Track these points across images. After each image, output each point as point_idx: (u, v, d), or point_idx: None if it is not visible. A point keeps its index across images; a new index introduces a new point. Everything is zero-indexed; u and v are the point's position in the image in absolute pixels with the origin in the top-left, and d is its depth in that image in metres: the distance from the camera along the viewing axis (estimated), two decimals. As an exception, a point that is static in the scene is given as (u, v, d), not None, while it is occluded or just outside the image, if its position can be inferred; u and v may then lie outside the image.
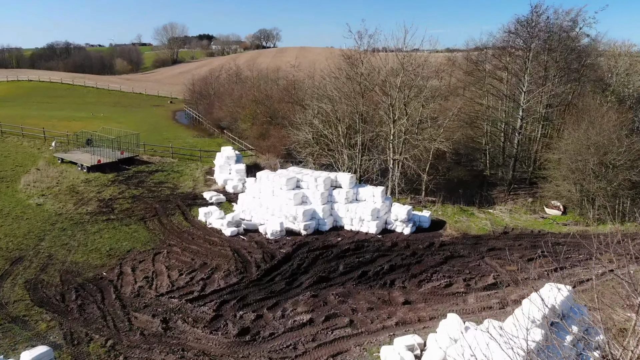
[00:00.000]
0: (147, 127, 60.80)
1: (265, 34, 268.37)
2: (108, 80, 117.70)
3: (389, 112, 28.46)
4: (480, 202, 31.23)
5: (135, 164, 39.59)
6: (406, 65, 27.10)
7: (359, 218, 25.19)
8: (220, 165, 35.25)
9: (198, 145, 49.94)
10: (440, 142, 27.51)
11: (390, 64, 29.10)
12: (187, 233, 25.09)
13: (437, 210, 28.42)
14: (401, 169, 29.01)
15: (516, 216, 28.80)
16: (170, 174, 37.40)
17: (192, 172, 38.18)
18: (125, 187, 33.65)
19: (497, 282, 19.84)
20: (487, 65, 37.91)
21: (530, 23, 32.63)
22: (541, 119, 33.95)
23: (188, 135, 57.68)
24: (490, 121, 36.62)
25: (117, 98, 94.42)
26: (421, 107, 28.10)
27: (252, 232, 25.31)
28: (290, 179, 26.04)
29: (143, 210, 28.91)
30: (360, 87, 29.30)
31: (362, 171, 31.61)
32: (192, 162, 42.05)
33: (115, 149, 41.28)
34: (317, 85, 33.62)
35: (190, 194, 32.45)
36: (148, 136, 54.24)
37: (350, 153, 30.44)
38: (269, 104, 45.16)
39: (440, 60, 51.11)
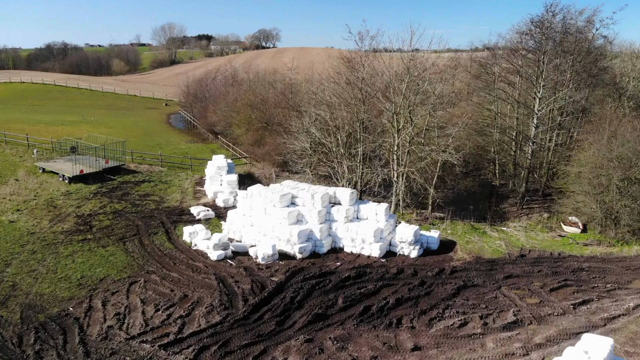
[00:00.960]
0: (139, 132, 58.36)
1: (264, 34, 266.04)
2: (103, 81, 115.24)
3: (393, 120, 25.99)
4: (492, 218, 28.77)
5: (121, 174, 37.11)
6: (412, 70, 24.62)
7: (360, 239, 22.71)
8: (211, 176, 32.77)
9: (190, 152, 47.48)
10: (450, 154, 25.02)
11: (394, 68, 26.62)
12: (169, 257, 22.60)
13: (445, 228, 25.95)
14: (406, 183, 26.53)
15: (532, 235, 26.32)
16: (157, 185, 34.91)
17: (181, 182, 35.69)
18: (108, 201, 31.17)
19: (517, 319, 17.37)
20: (496, 68, 35.43)
21: (544, 24, 30.14)
22: (556, 127, 31.47)
23: (181, 140, 55.22)
24: (500, 129, 34.13)
25: (111, 100, 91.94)
26: (428, 115, 25.63)
27: (242, 255, 22.83)
28: (284, 195, 23.57)
29: (124, 228, 26.43)
30: (361, 93, 26.84)
31: (363, 184, 29.15)
32: (182, 170, 39.57)
33: (100, 157, 38.83)
34: (315, 91, 31.13)
35: (177, 208, 29.97)
36: (138, 142, 51.88)
37: (350, 165, 27.97)
38: (265, 109, 42.69)
39: (444, 61, 48.92)
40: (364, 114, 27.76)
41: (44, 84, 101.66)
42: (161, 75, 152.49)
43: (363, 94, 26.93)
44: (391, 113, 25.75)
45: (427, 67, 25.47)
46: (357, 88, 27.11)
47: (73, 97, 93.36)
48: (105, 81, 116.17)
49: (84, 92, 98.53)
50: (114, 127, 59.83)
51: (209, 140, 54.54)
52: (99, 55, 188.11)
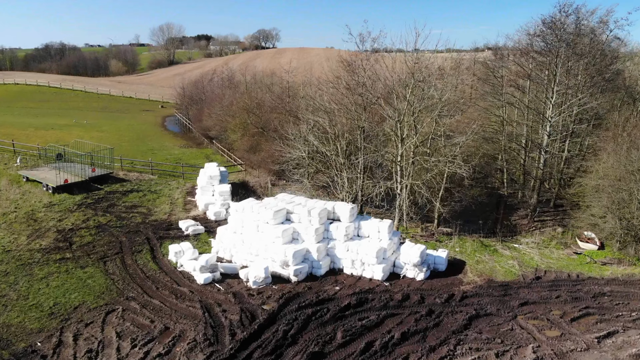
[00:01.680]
0: (132, 136, 56.46)
1: (264, 34, 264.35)
2: (99, 82, 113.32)
3: (396, 128, 24.07)
4: (502, 231, 26.89)
5: (108, 183, 35.20)
6: (417, 74, 22.69)
7: (361, 260, 20.80)
8: (202, 187, 30.88)
9: (183, 158, 45.58)
10: (458, 166, 23.09)
11: (397, 71, 24.70)
12: (152, 280, 20.68)
13: (454, 246, 24.04)
14: (410, 195, 24.63)
15: (546, 252, 24.40)
16: (145, 195, 32.99)
17: (171, 192, 33.77)
18: (92, 213, 29.27)
19: (538, 357, 15.47)
20: (504, 72, 33.49)
21: (557, 25, 28.24)
22: (569, 135, 29.58)
23: (175, 144, 53.31)
24: (509, 136, 32.23)
25: (106, 102, 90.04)
26: (434, 122, 23.72)
27: (231, 277, 20.92)
28: (278, 211, 21.67)
29: (106, 245, 24.53)
30: (362, 98, 24.95)
31: (364, 196, 27.28)
32: (173, 179, 37.66)
33: (87, 165, 36.93)
34: (313, 96, 29.22)
35: (165, 222, 28.06)
36: (130, 146, 50.01)
37: (350, 176, 26.08)
38: (261, 114, 40.77)
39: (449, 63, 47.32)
40: (365, 122, 25.85)
41: (38, 85, 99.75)
42: (159, 76, 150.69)
43: (364, 100, 25.04)
44: (394, 121, 23.82)
45: (432, 70, 23.54)
46: (357, 93, 25.22)
47: (67, 99, 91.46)
48: (102, 82, 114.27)
49: (79, 93, 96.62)
50: (106, 131, 57.97)
51: (204, 145, 52.65)
52: (96, 56, 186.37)
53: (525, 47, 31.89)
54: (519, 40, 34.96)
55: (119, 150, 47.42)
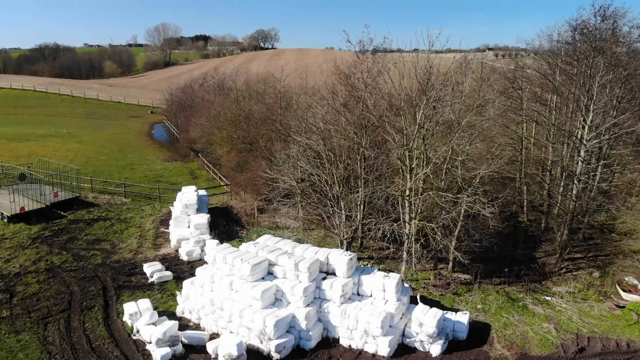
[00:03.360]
0: (112, 148, 52.20)
1: (262, 34, 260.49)
2: (88, 86, 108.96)
3: (404, 156, 19.76)
4: (528, 275, 22.68)
5: (74, 209, 30.88)
6: (429, 93, 18.38)
7: (362, 329, 16.51)
8: (176, 217, 26.60)
9: (165, 175, 41.30)
10: (481, 204, 18.78)
11: (405, 82, 20.39)
12: (97, 353, 16.38)
13: (474, 300, 19.75)
14: (421, 238, 20.33)
15: (585, 308, 20.12)
16: (113, 226, 28.69)
17: (143, 221, 29.46)
18: (46, 251, 25.00)
19: None
20: (524, 83, 29.22)
21: (591, 30, 24.01)
22: (603, 158, 25.35)
23: (159, 157, 49.04)
24: (532, 159, 28.01)
25: (93, 108, 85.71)
26: (450, 149, 19.41)
27: (197, 351, 16.63)
28: (257, 264, 17.38)
29: (53, 297, 20.25)
30: (362, 118, 20.70)
31: (365, 232, 23.03)
32: (148, 202, 33.36)
33: (56, 187, 32.62)
34: (304, 114, 24.94)
35: (129, 263, 23.77)
36: (109, 160, 45.80)
37: (349, 214, 21.80)
38: (249, 128, 36.46)
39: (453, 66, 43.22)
40: (366, 146, 21.55)
41: (23, 89, 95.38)
42: (153, 78, 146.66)
43: (364, 120, 20.80)
44: (401, 148, 19.52)
45: (449, 85, 19.20)
46: (355, 113, 20.95)
47: (52, 104, 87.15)
48: (91, 86, 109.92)
49: (65, 98, 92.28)
50: (85, 142, 53.72)
51: (190, 158, 48.35)
52: (91, 57, 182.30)
53: (549, 56, 27.64)
54: (540, 46, 30.74)
55: (96, 165, 43.31)
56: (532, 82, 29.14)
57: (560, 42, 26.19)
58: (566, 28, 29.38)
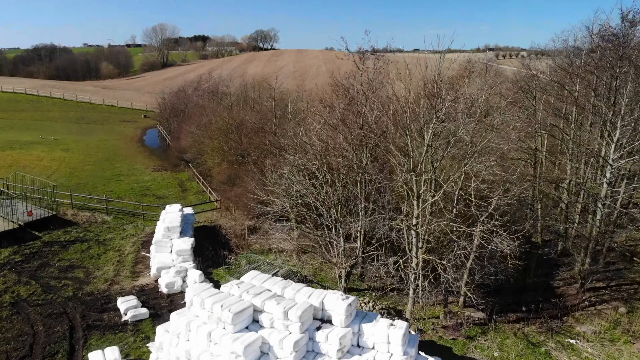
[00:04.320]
0: (100, 156, 49.77)
1: (262, 35, 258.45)
2: (82, 88, 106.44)
3: (411, 182, 17.31)
4: (546, 310, 20.27)
5: (50, 229, 28.47)
6: (439, 109, 15.92)
7: (360, 388, 14.08)
8: (157, 242, 24.18)
9: (152, 187, 38.86)
10: (501, 239, 16.33)
11: (412, 99, 17.93)
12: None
13: (490, 347, 17.31)
14: (430, 273, 17.89)
15: (614, 354, 17.72)
16: (91, 248, 26.28)
17: (123, 243, 27.05)
18: (14, 280, 22.60)
19: None
20: (538, 92, 26.78)
21: (618, 37, 21.57)
22: (625, 179, 22.98)
23: (148, 166, 46.60)
24: (547, 177, 25.59)
25: (84, 112, 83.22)
26: (462, 173, 16.97)
27: (170, 416, 14.21)
28: (240, 312, 14.94)
29: (14, 340, 17.85)
30: (364, 139, 18.27)
31: (365, 263, 20.60)
32: (131, 220, 30.93)
33: (33, 203, 30.22)
34: (301, 127, 22.49)
35: (102, 295, 21.34)
36: (95, 170, 43.42)
37: (348, 243, 19.37)
38: (241, 139, 34.01)
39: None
40: (366, 170, 19.10)
41: (14, 92, 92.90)
42: (149, 80, 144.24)
43: (365, 140, 18.38)
44: (408, 172, 17.07)
45: (462, 100, 16.74)
46: (354, 131, 18.51)
47: (44, 108, 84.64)
48: (85, 88, 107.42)
49: (57, 102, 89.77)
50: (72, 150, 51.25)
51: (181, 168, 45.87)
52: (87, 58, 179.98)
53: (567, 65, 25.21)
54: (556, 52, 28.31)
55: (80, 176, 40.91)
56: (546, 91, 26.68)
57: (579, 48, 23.70)
58: (584, 33, 26.94)
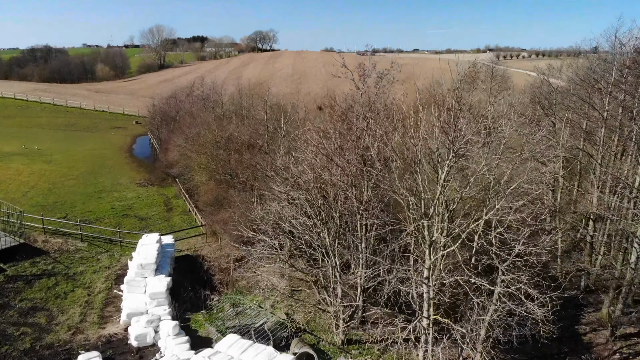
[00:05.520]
0: (85, 168, 46.86)
1: (260, 36, 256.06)
2: (73, 92, 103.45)
3: (422, 228, 14.44)
4: None
5: (17, 259, 25.57)
6: (457, 142, 13.07)
7: None
8: (130, 281, 21.32)
9: (135, 206, 35.96)
10: (525, 296, 13.47)
11: (423, 129, 15.05)
12: None
13: None
14: (440, 335, 15.03)
15: None
16: (58, 285, 23.43)
17: (95, 278, 24.18)
18: (-36, 326, 19.73)
19: None
20: (558, 108, 23.95)
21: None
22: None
23: (134, 180, 43.69)
24: (565, 206, 22.77)
25: (74, 118, 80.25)
26: (483, 215, 14.11)
27: None
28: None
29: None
30: (365, 177, 15.43)
31: (365, 318, 17.74)
32: (108, 248, 28.05)
33: (6, 230, 27.39)
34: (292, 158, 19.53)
35: (63, 349, 18.51)
36: (77, 185, 40.55)
37: (348, 281, 16.54)
38: (228, 157, 31.13)
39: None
40: (367, 210, 16.23)
41: (2, 97, 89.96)
42: (145, 82, 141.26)
43: (367, 180, 15.56)
44: (418, 216, 14.22)
45: (483, 131, 13.87)
46: (353, 165, 15.66)
47: (32, 114, 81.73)
48: (77, 92, 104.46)
49: (46, 107, 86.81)
50: (54, 162, 48.33)
51: (168, 182, 42.93)
52: (83, 60, 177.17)
53: (593, 78, 22.33)
54: (579, 65, 25.47)
55: (59, 193, 37.98)
56: (569, 108, 23.82)
57: (623, 67, 20.77)
58: (603, 40, 24.09)
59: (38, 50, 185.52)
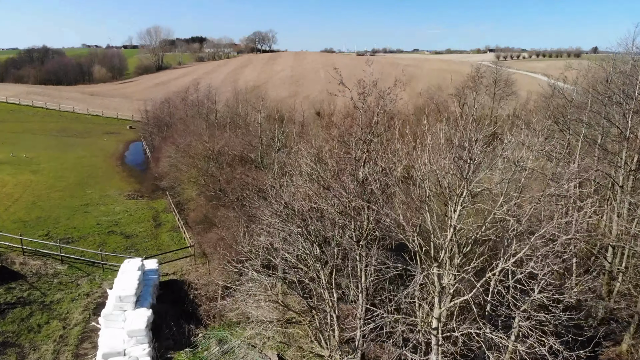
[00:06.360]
0: (72, 179, 45.00)
1: (260, 36, 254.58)
2: (67, 96, 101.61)
3: (432, 275, 12.61)
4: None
5: (-9, 284, 23.77)
6: (471, 179, 11.27)
7: None
8: (107, 315, 19.50)
9: (122, 221, 34.12)
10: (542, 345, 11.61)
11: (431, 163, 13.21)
12: None
13: None
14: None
15: None
16: (32, 315, 21.61)
17: (72, 308, 22.35)
18: None
19: None
20: (574, 123, 22.14)
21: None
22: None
23: (123, 191, 41.84)
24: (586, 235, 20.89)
25: (66, 122, 78.38)
26: (502, 262, 12.26)
27: None
28: None
29: None
30: (364, 209, 13.63)
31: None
32: (89, 271, 26.22)
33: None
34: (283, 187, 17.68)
35: (29, 398, 16.68)
36: (61, 199, 38.70)
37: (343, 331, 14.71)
38: (219, 172, 29.31)
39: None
40: (367, 251, 14.40)
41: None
42: (141, 85, 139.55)
43: (365, 209, 13.76)
44: (429, 262, 12.38)
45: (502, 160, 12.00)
46: (351, 193, 13.85)
47: (24, 118, 79.86)
48: (71, 95, 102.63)
49: (39, 111, 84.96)
50: (41, 172, 46.45)
51: (159, 194, 41.05)
52: (80, 61, 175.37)
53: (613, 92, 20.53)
54: (593, 75, 23.77)
55: (43, 207, 36.14)
56: (586, 123, 21.99)
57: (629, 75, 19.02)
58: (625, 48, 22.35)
59: (35, 51, 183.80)
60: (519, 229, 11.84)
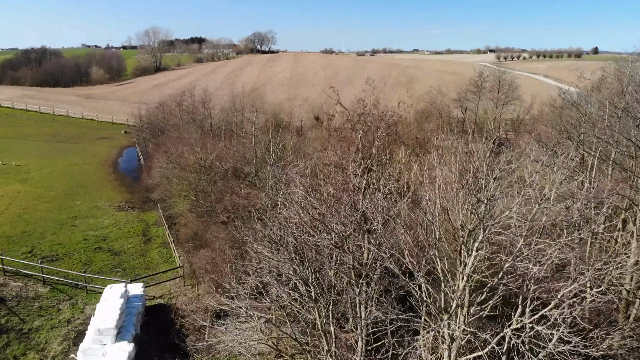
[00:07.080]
0: (62, 188, 43.51)
1: (259, 37, 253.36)
2: (63, 98, 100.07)
3: (443, 326, 11.12)
4: None
5: (-35, 309, 22.28)
6: (489, 211, 9.79)
7: None
8: (85, 350, 18.02)
9: (111, 236, 32.60)
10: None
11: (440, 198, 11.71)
12: None
13: None
14: None
15: None
16: (9, 346, 20.15)
17: (52, 336, 20.84)
18: None
19: None
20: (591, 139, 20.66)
21: None
22: None
23: (114, 202, 40.30)
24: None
25: (60, 127, 76.82)
26: (519, 316, 10.76)
27: None
28: None
29: None
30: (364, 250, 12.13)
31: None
32: (73, 292, 24.74)
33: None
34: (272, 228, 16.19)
35: None
36: (49, 211, 37.22)
37: None
38: (210, 187, 27.80)
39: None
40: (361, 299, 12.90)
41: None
42: (139, 87, 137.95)
43: (369, 255, 12.28)
44: (438, 313, 10.89)
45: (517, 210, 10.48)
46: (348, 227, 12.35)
47: (17, 122, 78.32)
48: (66, 98, 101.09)
49: (32, 115, 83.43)
50: (30, 181, 44.92)
51: (150, 206, 39.46)
52: (78, 62, 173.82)
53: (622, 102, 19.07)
54: (607, 86, 22.34)
55: (28, 220, 34.66)
56: (599, 138, 20.50)
57: None
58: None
59: (32, 52, 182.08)
60: (540, 275, 10.37)
